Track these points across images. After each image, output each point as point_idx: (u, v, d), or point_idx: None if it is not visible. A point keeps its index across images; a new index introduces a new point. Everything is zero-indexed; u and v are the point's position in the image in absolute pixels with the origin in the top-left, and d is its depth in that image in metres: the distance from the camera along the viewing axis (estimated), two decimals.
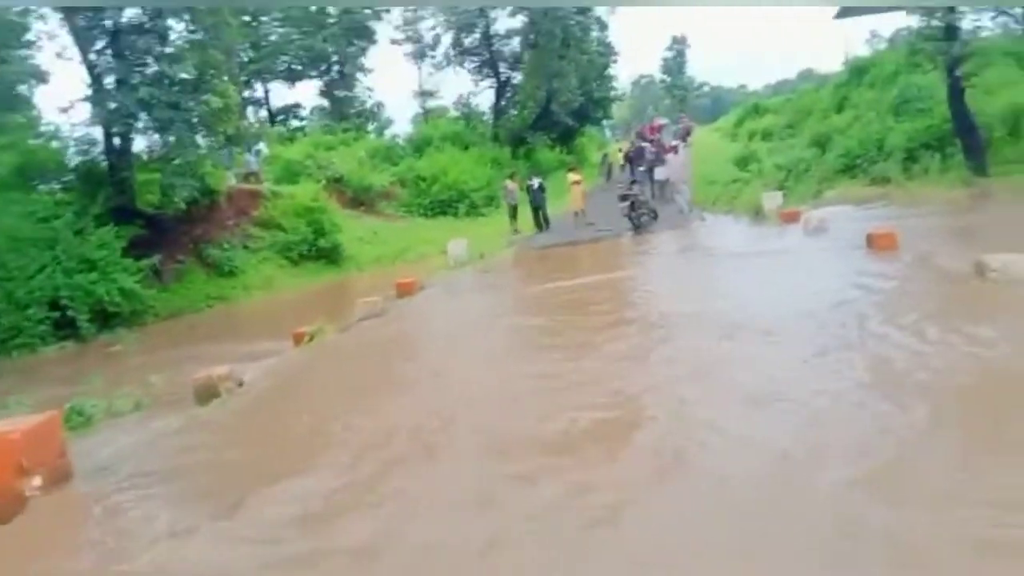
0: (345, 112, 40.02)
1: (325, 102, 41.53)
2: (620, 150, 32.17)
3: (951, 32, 16.81)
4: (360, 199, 25.03)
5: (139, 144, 17.44)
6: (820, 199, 18.09)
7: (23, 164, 17.23)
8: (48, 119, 23.56)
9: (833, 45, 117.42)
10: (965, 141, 17.02)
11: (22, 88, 31.08)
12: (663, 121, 45.39)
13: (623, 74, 49.60)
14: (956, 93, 16.89)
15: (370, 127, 40.74)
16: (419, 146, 30.53)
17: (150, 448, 5.87)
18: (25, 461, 4.84)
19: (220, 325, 15.01)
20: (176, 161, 16.32)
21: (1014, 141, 17.09)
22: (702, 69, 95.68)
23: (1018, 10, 24.23)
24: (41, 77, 31.76)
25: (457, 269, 15.43)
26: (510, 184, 21.06)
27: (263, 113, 38.08)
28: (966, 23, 17.48)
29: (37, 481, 4.87)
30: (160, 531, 4.09)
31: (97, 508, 4.64)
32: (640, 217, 16.87)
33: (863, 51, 36.60)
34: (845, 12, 32.75)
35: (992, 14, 27.76)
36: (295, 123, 39.70)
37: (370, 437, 5.18)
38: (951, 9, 16.82)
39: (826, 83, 32.98)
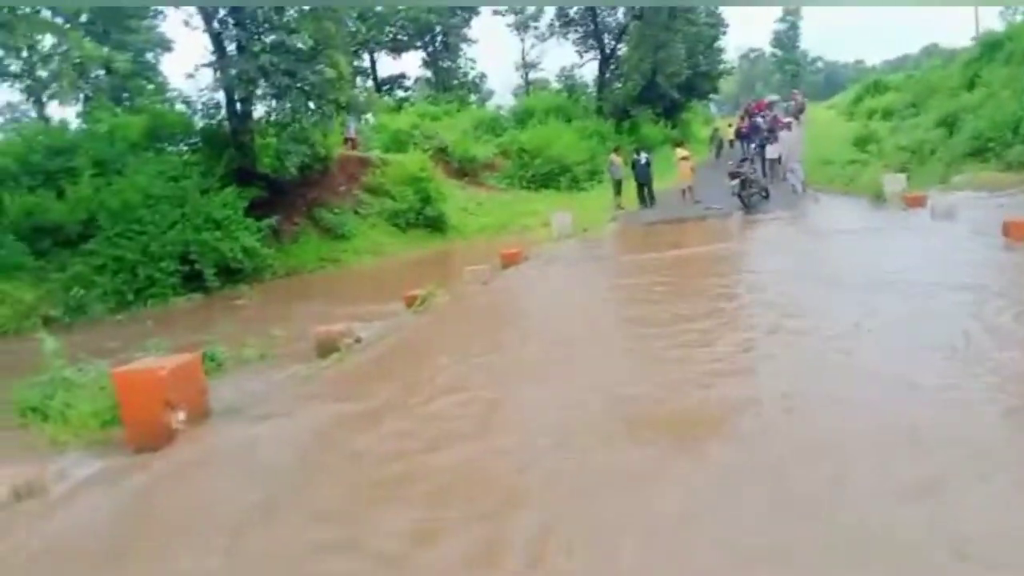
0: (448, 83, 40.50)
1: (429, 73, 42.16)
2: (730, 125, 31.17)
3: None
4: (464, 170, 25.35)
5: (258, 111, 18.25)
6: (947, 184, 17.03)
7: (153, 127, 18.35)
8: (174, 85, 24.87)
9: (962, 18, 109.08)
10: None
11: (149, 56, 33.10)
12: (773, 98, 43.67)
13: (732, 47, 47.93)
14: None
15: (472, 98, 41.10)
16: (522, 118, 30.52)
17: (279, 392, 6.21)
18: (171, 396, 5.21)
19: (333, 285, 15.63)
20: (291, 127, 16.99)
21: None
22: (816, 43, 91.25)
23: None
24: (166, 46, 33.74)
25: (561, 241, 15.46)
26: (615, 158, 20.83)
27: (369, 83, 38.97)
28: None
29: (182, 415, 5.25)
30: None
31: (234, 442, 4.98)
32: (751, 196, 16.40)
33: (997, 25, 33.83)
34: None
35: None
36: (400, 93, 40.48)
37: (484, 380, 5.38)
38: None
39: (953, 59, 30.82)
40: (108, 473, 4.61)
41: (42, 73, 27.05)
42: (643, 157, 19.80)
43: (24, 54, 25.22)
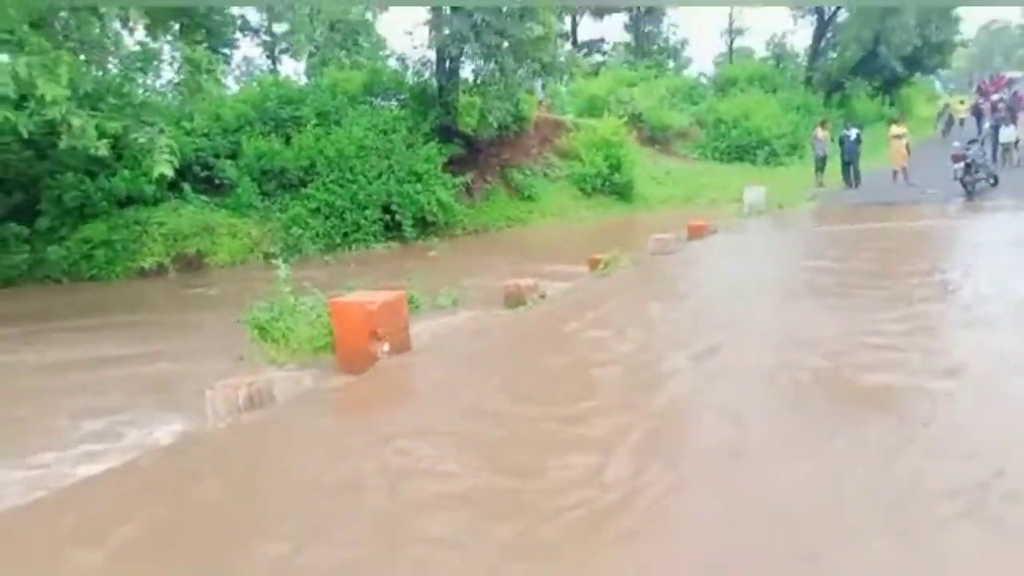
0: (647, 48, 39.70)
1: (629, 37, 41.51)
2: (962, 102, 28.10)
3: None
4: (656, 138, 24.96)
5: (465, 70, 19.02)
6: None
7: (370, 82, 19.72)
8: (392, 43, 26.43)
9: None
10: None
11: (368, 15, 35.35)
12: (1015, 75, 38.57)
13: (971, 17, 42.38)
14: None
15: (671, 65, 40.05)
16: (723, 86, 29.41)
17: (470, 336, 6.67)
18: (379, 329, 5.78)
19: (519, 244, 16.22)
20: (496, 86, 17.57)
21: None
22: None
23: None
24: (383, 5, 35.86)
25: (752, 217, 14.89)
26: (820, 132, 19.55)
27: (568, 46, 39.12)
28: None
29: (386, 347, 5.81)
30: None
31: (431, 373, 5.47)
32: (976, 182, 14.79)
33: None
34: None
35: None
36: (598, 57, 40.26)
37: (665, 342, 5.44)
38: None
39: None
40: (323, 389, 5.30)
41: (277, 29, 29.85)
42: (852, 132, 18.40)
43: (263, 11, 27.90)
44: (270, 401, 5.03)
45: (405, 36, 19.65)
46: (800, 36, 34.61)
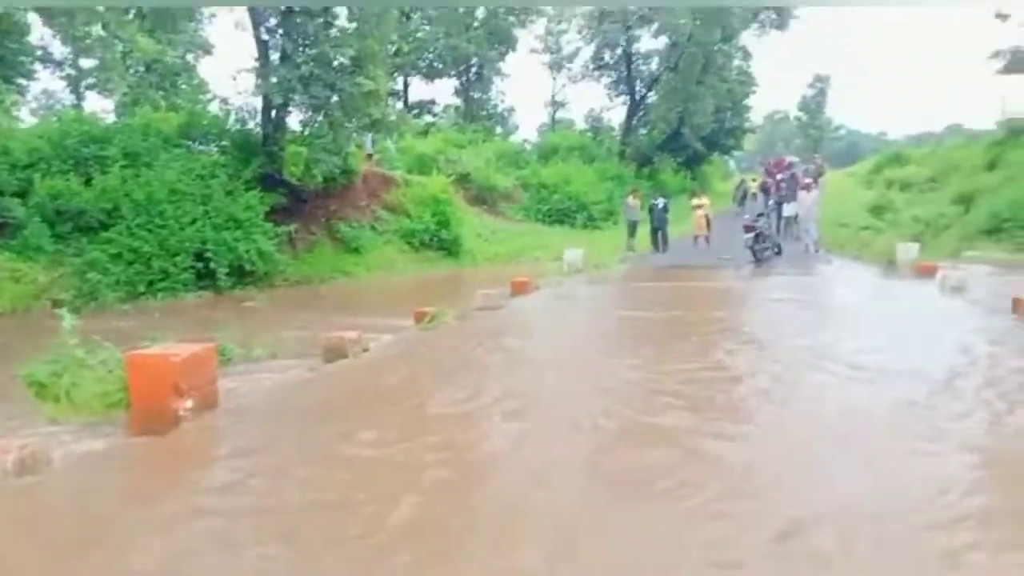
0: (476, 113, 41.19)
1: (459, 101, 42.89)
2: (754, 180, 31.56)
3: None
4: (483, 198, 25.71)
5: (292, 120, 18.65)
6: (958, 258, 17.17)
7: (188, 125, 18.74)
8: (214, 88, 25.44)
9: (987, 103, 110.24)
10: None
11: (189, 57, 33.89)
12: (793, 159, 44.00)
13: (758, 107, 48.66)
14: None
15: (498, 131, 41.74)
16: (545, 154, 31.02)
17: (284, 391, 6.33)
18: (182, 383, 5.34)
19: (344, 297, 15.82)
20: (324, 138, 17.34)
21: None
22: (840, 111, 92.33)
23: None
24: (207, 49, 34.60)
25: (571, 275, 15.63)
26: (631, 200, 21.12)
27: (399, 105, 39.67)
28: None
29: (189, 403, 5.37)
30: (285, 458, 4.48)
31: (237, 432, 5.10)
32: (764, 251, 16.57)
33: (1022, 111, 34.28)
34: (1011, 68, 30.95)
35: None
36: (428, 118, 41.13)
37: (482, 404, 5.50)
38: None
39: (976, 139, 31.18)
40: (112, 450, 4.75)
41: (85, 63, 27.72)
42: (660, 202, 20.06)
43: (69, 44, 25.90)
44: (46, 465, 4.44)
45: (230, 81, 19.01)
46: (615, 112, 37.35)
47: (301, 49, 16.95)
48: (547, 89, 44.22)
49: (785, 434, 4.79)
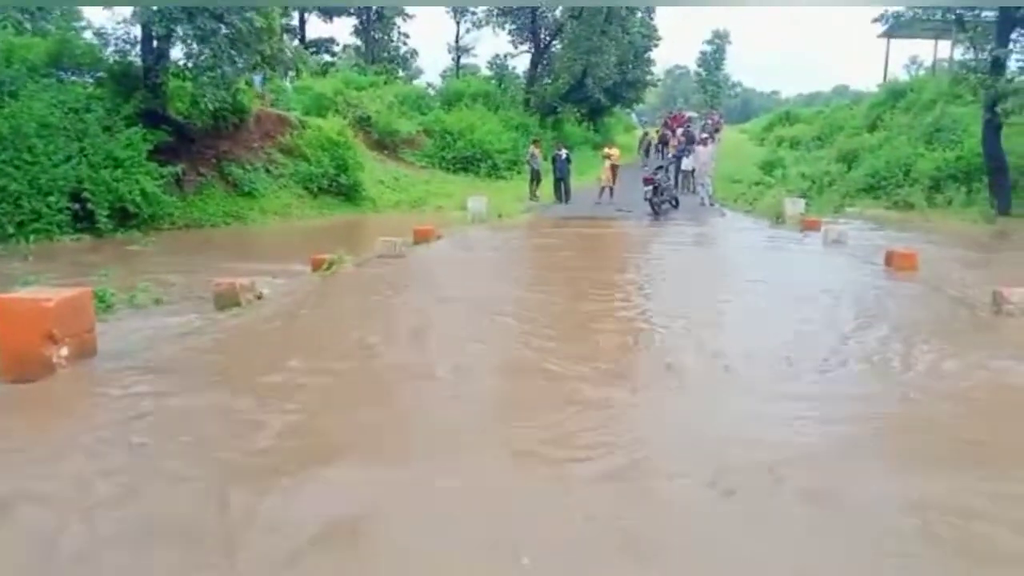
0: (378, 55, 39.82)
1: (359, 42, 41.27)
2: (657, 132, 32.19)
3: (997, 67, 16.79)
4: (384, 143, 25.00)
5: (176, 52, 17.36)
6: (840, 213, 18.19)
7: (58, 52, 17.13)
8: (88, 15, 23.32)
9: (871, 65, 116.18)
10: (993, 178, 17.11)
11: None
12: (691, 114, 45.18)
13: (660, 61, 49.22)
14: (992, 129, 16.94)
15: (400, 74, 40.57)
16: (449, 99, 30.41)
17: (171, 340, 6.01)
18: (56, 330, 4.97)
19: (236, 242, 15.10)
20: (211, 72, 16.25)
21: None
22: (736, 69, 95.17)
23: None
24: None
25: (474, 224, 15.55)
26: (535, 150, 21.11)
27: (295, 43, 37.76)
28: (1012, 62, 17.45)
29: (64, 351, 5.02)
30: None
31: (114, 383, 4.80)
32: (662, 204, 16.99)
33: (902, 75, 36.47)
34: (892, 32, 32.60)
35: None
36: (327, 58, 39.41)
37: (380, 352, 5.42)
38: (1001, 43, 16.79)
39: (860, 101, 32.88)
40: None
41: None
42: (563, 153, 20.13)
43: None
44: None
45: (105, 11, 17.30)
46: (520, 60, 36.95)
47: None
48: (451, 33, 43.03)
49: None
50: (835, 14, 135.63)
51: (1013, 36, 17.29)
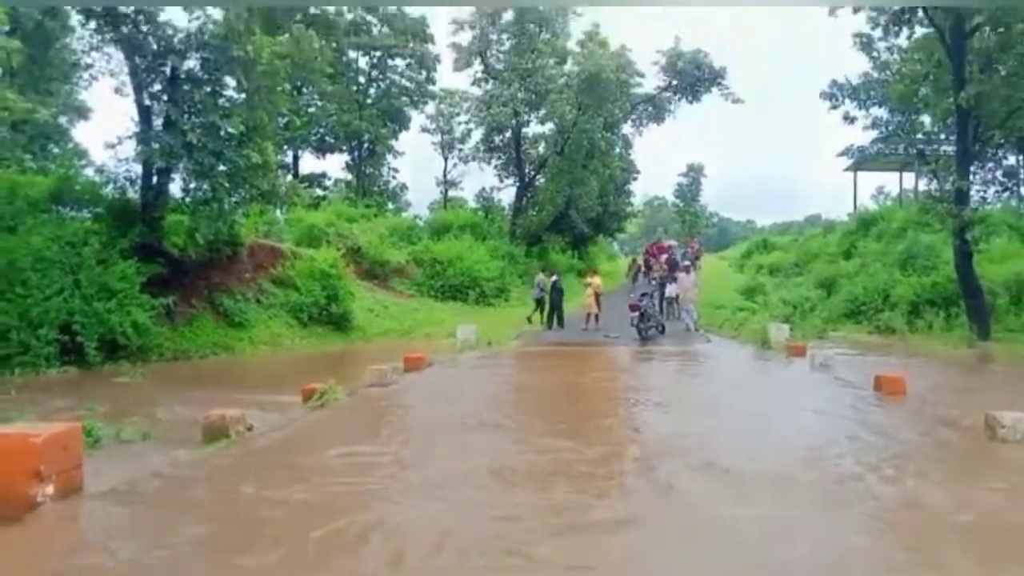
0: (368, 189, 41.24)
1: (350, 176, 42.85)
2: (639, 260, 33.06)
3: (961, 197, 17.62)
4: (375, 272, 25.46)
5: (175, 188, 17.95)
6: (824, 338, 18.46)
7: (58, 190, 17.64)
8: (91, 153, 24.23)
9: (841, 195, 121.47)
10: (970, 303, 17.55)
11: (63, 120, 32.30)
12: (672, 243, 46.55)
13: (639, 192, 51.56)
14: (963, 256, 17.55)
15: (390, 207, 41.88)
16: (438, 230, 31.31)
17: (156, 476, 5.87)
18: (43, 467, 4.87)
19: (226, 373, 15.01)
20: (209, 206, 16.76)
21: (1017, 310, 17.65)
22: (712, 199, 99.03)
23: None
24: (83, 113, 33.13)
25: (465, 351, 15.60)
26: (542, 277, 21.55)
27: (289, 178, 39.16)
28: (974, 191, 18.38)
29: (50, 489, 4.89)
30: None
31: (98, 524, 4.66)
32: (648, 329, 17.21)
33: (871, 205, 38.19)
34: (857, 165, 34.42)
35: (996, 189, 29.43)
36: (319, 191, 40.73)
37: (372, 491, 5.29)
38: (962, 176, 17.73)
39: (833, 229, 34.14)
40: None
41: None
42: (555, 279, 20.64)
43: None
44: None
45: (107, 150, 17.96)
46: (506, 192, 38.44)
47: (187, 116, 16.51)
48: (439, 168, 44.88)
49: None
50: (803, 150, 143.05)
51: (972, 168, 18.31)
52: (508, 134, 36.21)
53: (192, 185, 17.32)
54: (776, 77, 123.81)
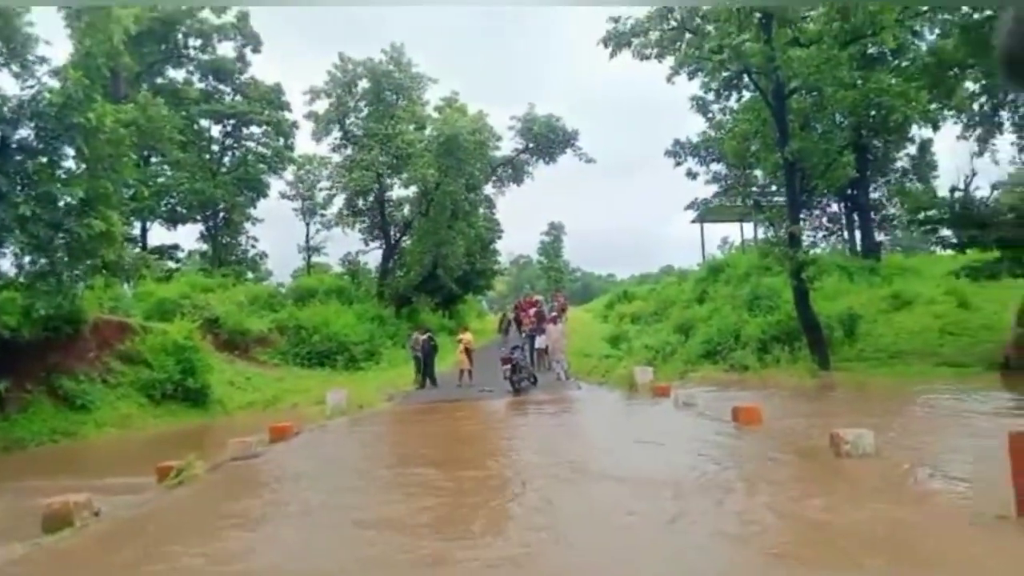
0: (225, 258, 39.57)
1: (205, 246, 40.95)
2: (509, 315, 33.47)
3: (794, 242, 19.31)
4: (235, 343, 24.25)
5: (5, 263, 16.48)
6: (685, 378, 19.38)
7: None
8: None
9: (691, 246, 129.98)
10: (810, 337, 19.05)
11: None
12: (539, 298, 47.67)
13: (505, 251, 52.77)
14: (801, 295, 19.10)
15: (250, 276, 40.33)
16: (302, 296, 30.39)
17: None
18: None
19: (69, 459, 13.65)
20: (47, 280, 15.45)
21: (850, 342, 19.37)
22: (574, 255, 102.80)
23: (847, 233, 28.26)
24: None
25: (335, 417, 15.08)
26: (417, 335, 21.29)
27: (136, 250, 36.90)
28: (805, 237, 20.21)
29: None
30: None
31: None
32: (521, 381, 17.38)
33: (718, 254, 41.02)
34: (703, 218, 37.03)
35: (823, 233, 32.52)
36: (171, 263, 38.56)
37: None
38: (794, 221, 19.49)
39: (687, 277, 36.23)
40: None
41: None
42: (427, 337, 20.56)
43: None
44: None
45: None
46: (372, 255, 38.00)
47: (20, 188, 15.32)
48: (300, 235, 43.81)
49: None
50: (654, 205, 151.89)
51: (802, 215, 20.15)
52: (371, 197, 36.08)
53: (27, 259, 15.98)
54: (625, 137, 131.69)
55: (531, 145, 37.77)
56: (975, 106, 24.92)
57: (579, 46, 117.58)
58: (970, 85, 19.74)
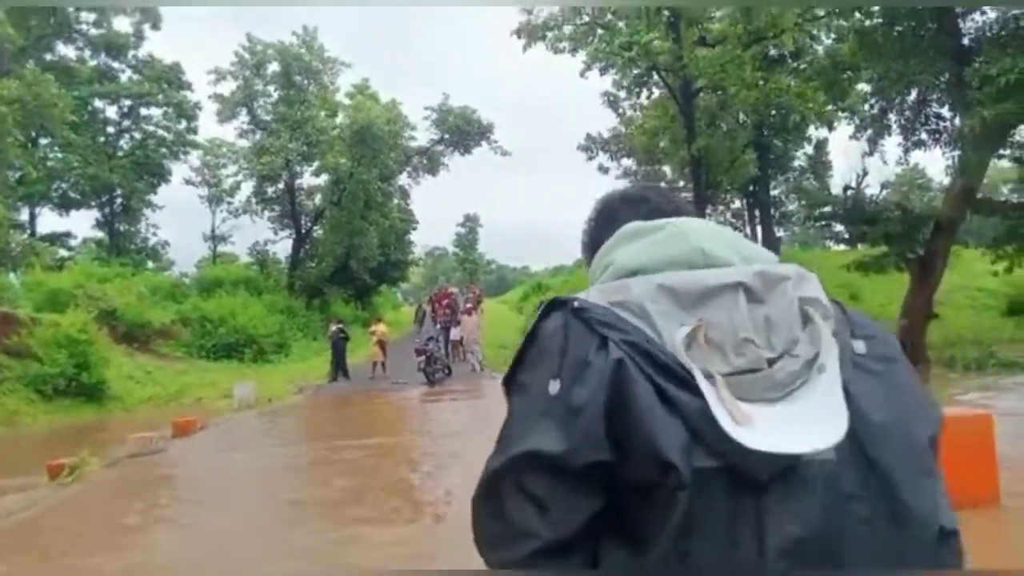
0: (124, 247, 37.71)
1: (102, 234, 38.89)
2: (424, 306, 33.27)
3: None
4: (135, 335, 23.08)
5: None
6: None
7: None
8: None
9: None
10: None
11: None
12: (453, 290, 47.65)
13: (419, 243, 52.10)
14: None
15: (150, 265, 38.57)
16: (207, 287, 29.26)
17: None
18: None
19: None
20: None
21: None
22: (489, 247, 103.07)
23: None
24: None
25: (242, 411, 14.66)
26: (334, 328, 20.86)
27: (24, 237, 34.66)
28: None
29: None
30: None
31: None
32: (435, 372, 17.37)
33: None
34: None
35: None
36: (63, 252, 36.38)
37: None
38: (700, 216, 20.21)
39: None
40: None
41: None
42: (337, 328, 20.22)
43: None
44: None
45: None
46: (281, 245, 36.91)
47: None
48: (206, 223, 42.24)
49: None
50: (567, 199, 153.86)
51: (708, 211, 20.86)
52: (281, 185, 35.05)
53: None
54: (539, 131, 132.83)
55: (446, 136, 37.50)
56: (866, 107, 26.43)
57: (494, 37, 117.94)
58: (862, 87, 20.87)
